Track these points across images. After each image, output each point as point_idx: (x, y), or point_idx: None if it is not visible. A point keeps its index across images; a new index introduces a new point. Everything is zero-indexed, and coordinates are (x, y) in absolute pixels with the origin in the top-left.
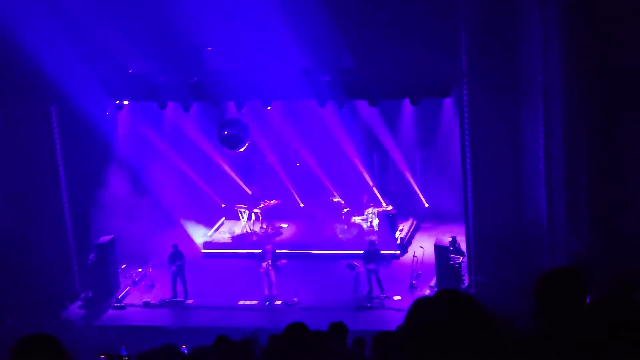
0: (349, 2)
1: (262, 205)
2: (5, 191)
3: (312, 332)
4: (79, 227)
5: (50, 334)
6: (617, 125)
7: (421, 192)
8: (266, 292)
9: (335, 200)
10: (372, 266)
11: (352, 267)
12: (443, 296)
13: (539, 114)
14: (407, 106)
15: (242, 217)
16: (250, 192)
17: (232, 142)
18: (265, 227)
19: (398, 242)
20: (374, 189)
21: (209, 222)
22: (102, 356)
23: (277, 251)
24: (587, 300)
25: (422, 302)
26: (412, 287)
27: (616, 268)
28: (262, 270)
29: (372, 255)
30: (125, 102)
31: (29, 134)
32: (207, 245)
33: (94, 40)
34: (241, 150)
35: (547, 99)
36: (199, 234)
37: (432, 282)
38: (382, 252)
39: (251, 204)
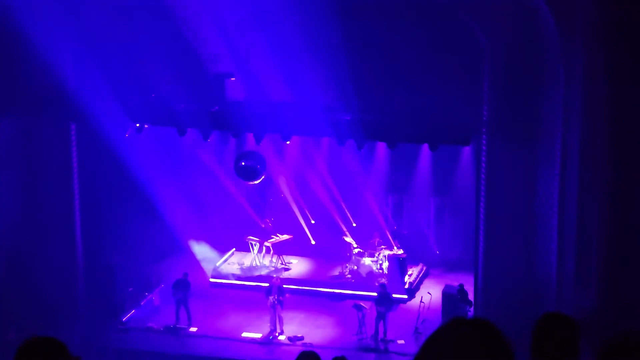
0: (376, 45)
1: (273, 238)
2: (19, 206)
3: None
4: (89, 247)
5: (55, 338)
6: (633, 188)
7: (433, 239)
8: (271, 327)
9: (346, 239)
10: (382, 309)
11: (358, 308)
12: (478, 324)
13: (556, 169)
14: (425, 151)
15: (253, 250)
16: (262, 225)
17: (249, 174)
18: (274, 261)
19: (406, 286)
20: (387, 231)
21: (219, 251)
22: None
23: (284, 286)
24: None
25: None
26: (416, 332)
27: (622, 327)
28: (269, 304)
29: (383, 298)
30: (146, 126)
31: (47, 150)
32: (215, 275)
33: (118, 62)
34: (257, 182)
35: (565, 156)
36: (209, 259)
37: None
38: (392, 295)
39: (263, 237)
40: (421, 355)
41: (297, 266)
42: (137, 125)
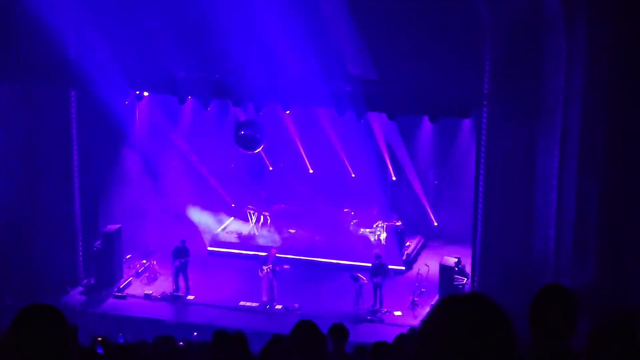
0: (377, 16)
1: (271, 208)
2: (17, 172)
3: (321, 333)
4: (87, 214)
5: (52, 305)
6: (633, 164)
7: (431, 211)
8: (264, 296)
9: (345, 210)
10: (377, 280)
11: (355, 279)
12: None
13: (556, 144)
14: (425, 123)
15: (251, 219)
16: (261, 195)
17: (248, 143)
18: (272, 230)
19: (404, 257)
20: (385, 203)
21: (217, 220)
22: (99, 339)
23: (279, 256)
24: (583, 327)
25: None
26: (413, 304)
27: (618, 300)
28: (261, 274)
29: (378, 269)
30: (145, 94)
31: (46, 115)
32: (213, 243)
33: (119, 29)
34: (256, 151)
35: (565, 131)
36: (207, 227)
37: (434, 301)
38: (388, 266)
39: (261, 206)
40: (420, 336)
41: (295, 236)
42: (137, 92)
